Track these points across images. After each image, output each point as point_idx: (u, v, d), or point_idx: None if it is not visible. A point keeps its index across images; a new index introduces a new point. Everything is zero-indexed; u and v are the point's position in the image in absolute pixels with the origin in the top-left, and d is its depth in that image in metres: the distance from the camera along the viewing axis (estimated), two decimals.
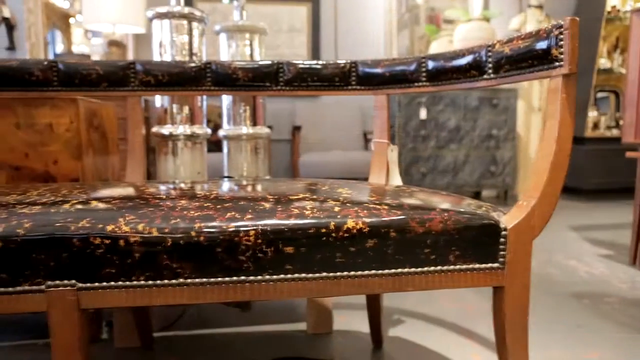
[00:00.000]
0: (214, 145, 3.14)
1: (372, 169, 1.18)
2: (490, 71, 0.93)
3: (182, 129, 1.33)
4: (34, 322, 1.42)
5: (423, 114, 3.41)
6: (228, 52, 1.46)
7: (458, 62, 1.00)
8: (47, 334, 1.33)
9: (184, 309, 1.47)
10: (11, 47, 3.46)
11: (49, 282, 0.65)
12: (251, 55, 1.46)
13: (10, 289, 0.65)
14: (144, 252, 0.66)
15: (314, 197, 0.77)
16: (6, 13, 3.39)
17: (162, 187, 0.88)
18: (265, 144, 1.51)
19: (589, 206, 3.61)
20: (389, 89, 1.15)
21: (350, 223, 0.70)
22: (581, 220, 3.02)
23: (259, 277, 0.69)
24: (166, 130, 1.32)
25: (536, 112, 3.88)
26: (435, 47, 3.99)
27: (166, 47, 1.32)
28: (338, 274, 0.70)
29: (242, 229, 0.67)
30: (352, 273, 0.71)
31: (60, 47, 3.93)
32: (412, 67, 1.11)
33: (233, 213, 0.69)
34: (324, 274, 0.70)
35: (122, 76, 1.12)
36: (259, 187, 0.88)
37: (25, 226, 0.65)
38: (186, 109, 1.33)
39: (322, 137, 3.71)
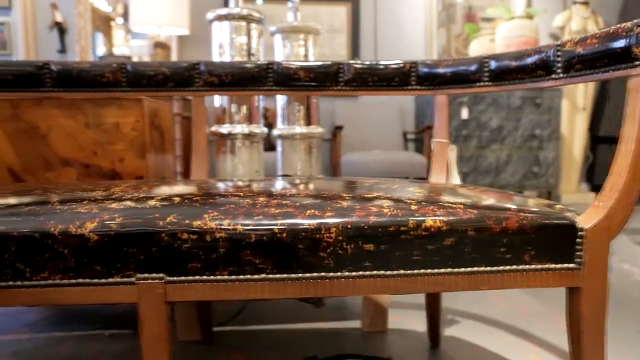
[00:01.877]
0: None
1: (432, 169, 1.18)
2: (559, 71, 0.92)
3: (240, 128, 1.35)
4: (98, 313, 1.48)
5: (465, 113, 3.38)
6: (283, 52, 1.48)
7: (523, 62, 1.00)
8: (112, 325, 1.38)
9: (244, 304, 1.50)
10: (62, 49, 3.58)
11: (139, 275, 0.68)
12: (305, 55, 1.48)
13: (103, 281, 0.68)
14: (228, 247, 0.68)
15: (388, 195, 0.78)
16: (58, 18, 3.52)
17: (231, 185, 0.90)
18: (318, 143, 1.53)
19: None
20: (449, 89, 1.15)
21: (428, 221, 0.71)
22: (633, 224, 2.94)
23: (339, 274, 0.70)
24: (225, 129, 1.35)
25: (580, 111, 3.79)
26: (475, 46, 3.94)
27: (225, 48, 1.35)
28: (415, 271, 0.71)
29: (323, 226, 0.68)
30: (429, 271, 0.71)
31: (102, 50, 4.04)
32: (474, 67, 1.10)
33: (313, 211, 0.71)
34: (402, 271, 0.71)
35: (187, 77, 1.15)
36: (325, 186, 0.90)
37: (117, 221, 0.68)
38: (244, 109, 1.36)
39: (361, 137, 3.71)
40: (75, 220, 0.68)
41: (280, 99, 1.49)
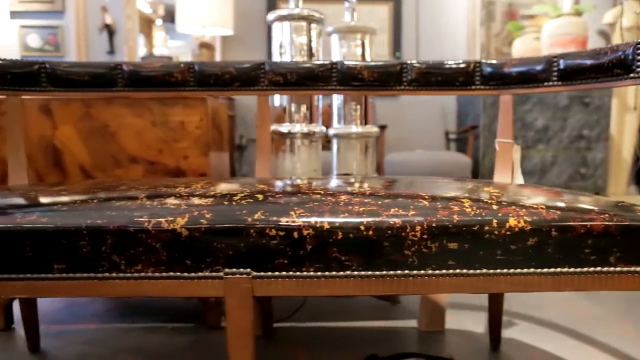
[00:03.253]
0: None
1: (496, 169, 1.17)
2: (639, 70, 0.90)
3: (300, 127, 1.37)
4: (158, 306, 1.52)
5: None
6: (339, 52, 1.49)
7: (599, 61, 0.98)
8: (174, 318, 1.42)
9: (303, 301, 1.52)
10: (111, 51, 3.69)
11: (227, 270, 0.70)
12: (362, 55, 1.48)
13: (193, 274, 0.70)
14: (315, 244, 0.69)
15: (466, 195, 0.78)
16: (108, 20, 3.62)
17: (304, 183, 0.92)
18: (373, 142, 1.53)
19: None
20: (515, 88, 1.14)
21: (512, 221, 0.70)
22: None
23: (422, 272, 0.70)
24: (285, 128, 1.37)
25: (631, 111, 3.68)
26: (519, 45, 3.86)
27: (286, 47, 1.37)
28: (498, 270, 0.71)
29: (409, 224, 0.69)
30: (512, 270, 0.71)
31: (142, 50, 4.14)
32: (541, 66, 1.09)
33: (396, 209, 0.71)
34: (485, 270, 0.71)
35: (252, 76, 1.17)
36: (398, 185, 0.90)
37: (206, 217, 0.70)
38: (304, 108, 1.38)
39: (403, 136, 3.69)
40: (167, 216, 0.70)
41: (337, 99, 1.50)
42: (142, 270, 0.70)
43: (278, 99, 1.39)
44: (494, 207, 0.73)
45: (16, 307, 1.42)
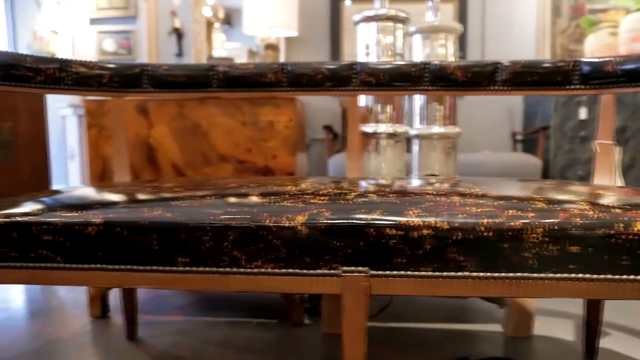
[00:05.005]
0: None
1: (596, 171, 1.13)
2: None
3: (385, 128, 1.37)
4: (241, 301, 1.56)
5: (583, 113, 3.20)
6: (422, 52, 1.48)
7: None
8: (257, 314, 1.45)
9: (389, 301, 1.52)
10: (179, 53, 3.81)
11: (345, 268, 0.71)
12: (445, 55, 1.47)
13: (311, 272, 0.72)
14: (433, 244, 0.69)
15: (582, 198, 0.75)
16: (177, 24, 3.75)
17: (405, 183, 0.92)
18: (455, 143, 1.51)
19: None
20: (617, 87, 1.10)
21: (638, 225, 0.68)
22: None
23: (542, 275, 0.69)
24: (370, 128, 1.37)
25: None
26: (592, 41, 3.71)
27: (372, 48, 1.37)
28: (624, 276, 0.68)
29: (529, 226, 0.68)
30: (638, 277, 0.69)
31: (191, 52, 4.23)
32: None
33: (514, 211, 0.70)
34: (609, 275, 0.69)
35: (345, 76, 1.18)
36: (499, 186, 0.89)
37: (325, 215, 0.71)
38: (389, 108, 1.38)
39: (468, 137, 3.62)
40: (286, 213, 0.72)
41: (419, 99, 1.49)
42: (261, 266, 0.72)
43: (364, 99, 1.40)
44: (617, 210, 0.70)
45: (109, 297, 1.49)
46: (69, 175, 3.80)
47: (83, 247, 0.75)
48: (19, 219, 0.76)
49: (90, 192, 0.88)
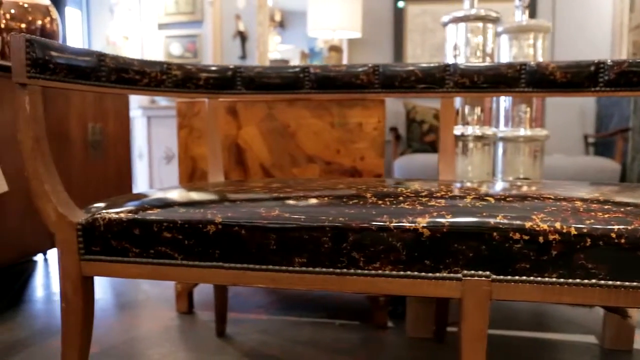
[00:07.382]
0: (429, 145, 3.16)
1: None
2: None
3: (473, 130, 1.35)
4: (322, 302, 1.57)
5: None
6: (509, 53, 1.44)
7: None
8: (338, 315, 1.45)
9: None
10: (243, 56, 3.89)
11: (466, 272, 0.70)
12: (534, 55, 1.43)
13: (430, 275, 0.71)
14: (561, 249, 0.67)
15: None
16: (241, 27, 3.83)
17: (509, 186, 0.90)
18: (543, 146, 1.47)
19: None
20: None
21: None
22: None
23: None
24: (458, 130, 1.35)
25: None
26: None
27: (461, 49, 1.35)
28: None
29: None
30: None
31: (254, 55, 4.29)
32: None
33: None
34: None
35: (438, 78, 1.17)
36: (605, 192, 0.85)
37: (447, 218, 0.71)
38: (477, 110, 1.35)
39: None
40: (407, 215, 0.72)
41: (504, 100, 1.46)
42: (380, 268, 0.72)
43: (458, 101, 1.38)
44: None
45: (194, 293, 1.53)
46: (137, 175, 3.94)
47: (201, 244, 0.78)
48: (141, 216, 0.79)
49: (197, 192, 0.91)
